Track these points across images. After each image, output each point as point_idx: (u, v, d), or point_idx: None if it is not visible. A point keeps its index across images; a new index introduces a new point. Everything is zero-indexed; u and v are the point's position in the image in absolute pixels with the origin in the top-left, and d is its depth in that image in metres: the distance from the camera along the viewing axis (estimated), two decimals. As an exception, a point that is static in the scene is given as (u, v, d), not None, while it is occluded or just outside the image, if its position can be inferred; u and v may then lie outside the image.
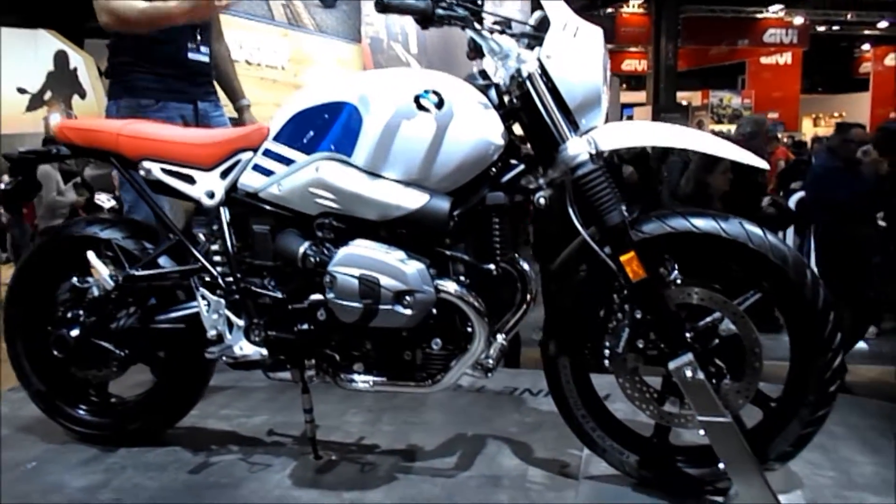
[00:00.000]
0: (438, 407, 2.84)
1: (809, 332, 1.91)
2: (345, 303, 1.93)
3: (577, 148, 1.92)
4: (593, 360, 2.10)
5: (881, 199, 4.69)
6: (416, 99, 1.94)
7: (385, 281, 1.90)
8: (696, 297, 1.95)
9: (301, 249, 2.04)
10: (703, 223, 1.95)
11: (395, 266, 1.90)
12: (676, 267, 1.99)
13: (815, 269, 1.95)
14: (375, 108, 1.97)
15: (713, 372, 1.95)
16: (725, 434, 1.86)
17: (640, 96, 22.69)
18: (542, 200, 1.97)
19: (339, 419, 2.71)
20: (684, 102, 21.27)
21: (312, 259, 2.01)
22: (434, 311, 1.99)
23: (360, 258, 1.93)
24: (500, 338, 2.15)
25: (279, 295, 2.14)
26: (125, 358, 2.30)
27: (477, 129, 1.96)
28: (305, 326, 2.11)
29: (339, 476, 2.24)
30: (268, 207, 2.14)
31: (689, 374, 1.86)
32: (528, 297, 2.10)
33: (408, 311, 1.91)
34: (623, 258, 1.90)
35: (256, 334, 2.16)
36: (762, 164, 2.03)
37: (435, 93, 1.95)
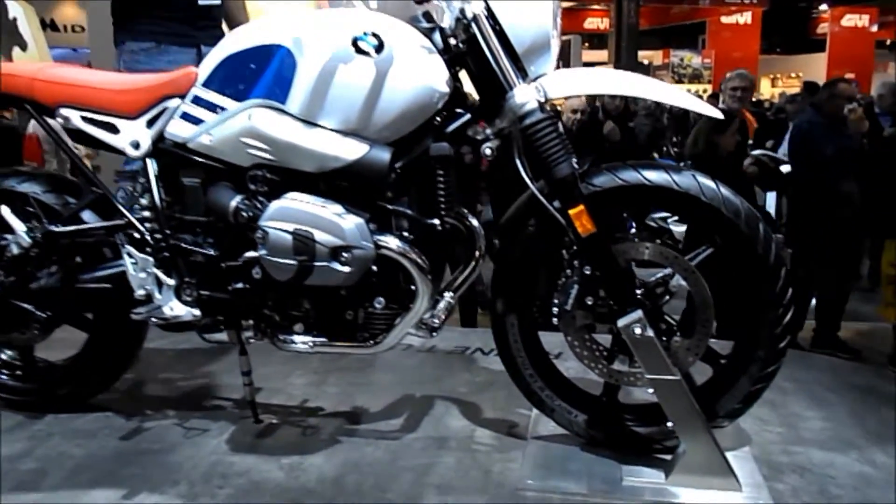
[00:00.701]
0: (387, 368, 2.76)
1: (761, 288, 1.86)
2: (278, 260, 1.82)
3: (524, 95, 1.81)
4: (542, 318, 2.03)
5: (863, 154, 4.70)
6: (355, 41, 1.81)
7: (320, 236, 1.79)
8: (647, 252, 1.89)
9: (233, 204, 1.91)
10: (654, 176, 1.87)
11: (331, 220, 1.79)
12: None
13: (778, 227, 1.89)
14: (310, 52, 1.83)
15: (663, 329, 1.90)
16: (674, 392, 1.81)
17: (602, 55, 22.56)
18: (487, 151, 1.87)
19: (282, 381, 2.61)
20: (646, 62, 21.19)
21: (245, 214, 1.89)
22: (375, 268, 1.89)
23: (293, 212, 1.81)
24: (447, 296, 2.07)
25: (211, 252, 2.02)
26: (48, 320, 2.16)
27: (420, 74, 1.84)
28: (240, 285, 2.00)
29: (278, 440, 2.15)
30: (198, 159, 2.00)
31: (637, 331, 1.80)
32: (478, 254, 2.02)
33: (345, 269, 1.80)
34: (572, 212, 1.82)
35: (188, 294, 2.03)
36: (715, 112, 1.95)
37: (374, 35, 1.82)
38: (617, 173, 1.90)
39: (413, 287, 1.90)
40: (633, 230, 1.95)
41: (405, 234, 1.93)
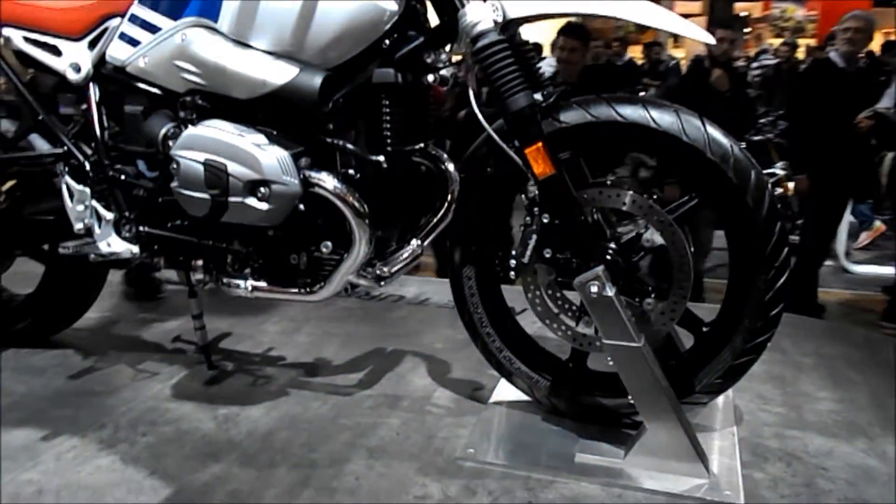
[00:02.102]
0: (368, 318, 2.61)
1: (750, 246, 1.59)
2: (189, 193, 1.66)
3: (477, 13, 1.57)
4: (502, 271, 1.82)
5: None
6: (288, -50, 1.60)
7: (234, 168, 1.61)
8: (617, 200, 1.63)
9: (161, 132, 1.76)
10: (630, 111, 1.61)
11: (247, 152, 1.60)
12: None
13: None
14: (239, -36, 1.64)
15: (635, 289, 1.65)
16: (634, 361, 1.57)
17: (696, 6, 21.29)
18: (432, 79, 1.64)
19: (255, 328, 2.50)
20: (744, 13, 19.84)
21: (172, 144, 1.73)
22: (319, 209, 1.70)
23: (206, 140, 1.64)
24: (414, 243, 1.88)
25: (151, 186, 1.88)
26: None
27: (364, -10, 1.62)
28: (178, 222, 1.85)
29: (225, 389, 2.03)
30: (140, 85, 1.85)
31: (594, 289, 1.56)
32: (450, 199, 1.81)
33: (263, 206, 1.62)
34: (528, 150, 1.58)
35: (127, 229, 1.91)
36: (708, 38, 1.66)
37: (311, -57, 1.60)
38: (589, 108, 1.64)
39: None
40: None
41: (351, 172, 1.73)
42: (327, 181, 1.66)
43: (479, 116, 1.62)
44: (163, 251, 1.92)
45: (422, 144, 1.85)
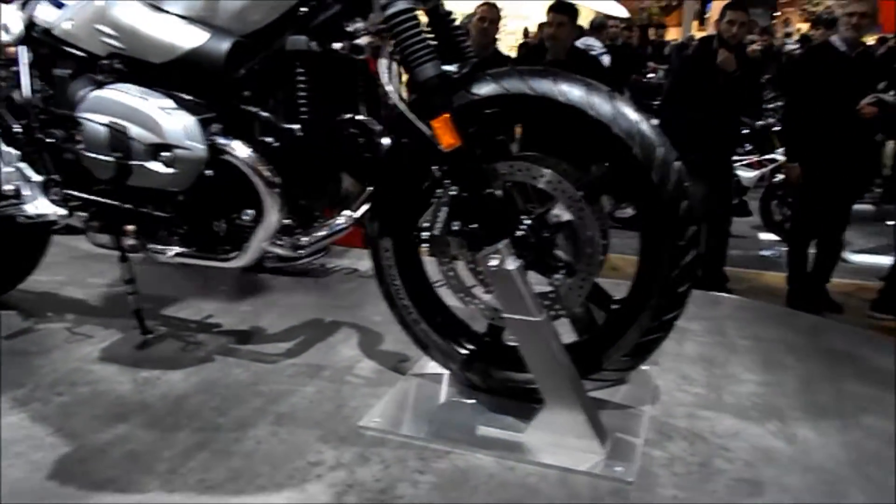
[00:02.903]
0: (315, 290, 2.63)
1: (657, 223, 1.57)
2: (93, 155, 1.67)
3: (386, -20, 1.56)
4: (419, 243, 1.82)
5: None
6: (200, -86, 1.60)
7: (136, 132, 1.61)
8: (527, 174, 1.62)
9: (81, 96, 1.76)
10: (540, 84, 1.59)
11: (150, 115, 1.61)
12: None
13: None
14: (153, -75, 1.63)
15: (539, 264, 1.65)
16: (534, 336, 1.57)
17: (715, -14, 20.89)
18: (339, 46, 1.63)
19: (201, 296, 2.52)
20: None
21: None
22: (232, 176, 1.71)
23: (110, 103, 1.65)
24: (345, 214, 1.88)
25: (77, 149, 1.89)
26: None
27: (274, -47, 1.61)
28: (102, 186, 1.87)
29: (152, 353, 2.06)
30: (66, 48, 1.86)
31: (493, 263, 1.55)
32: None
33: (168, 170, 1.63)
34: (435, 122, 1.57)
35: (55, 192, 1.93)
36: (620, 11, 1.63)
37: None
38: (501, 80, 1.63)
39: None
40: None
41: (267, 140, 1.73)
42: (237, 148, 1.66)
43: (387, 87, 1.62)
44: (92, 215, 1.93)
45: (350, 115, 1.85)
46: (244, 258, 1.79)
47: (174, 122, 1.61)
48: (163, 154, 1.61)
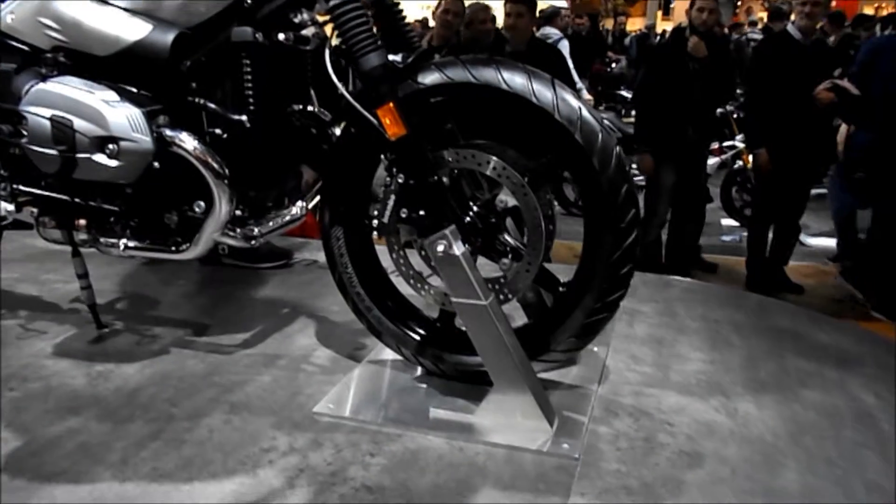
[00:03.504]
0: (274, 282, 2.64)
1: (597, 207, 1.61)
2: (38, 148, 1.67)
3: (328, -29, 1.57)
4: (370, 231, 1.84)
5: None
6: None
7: (80, 124, 1.62)
8: (472, 161, 1.65)
9: (24, 90, 1.76)
10: (483, 73, 1.62)
11: (94, 108, 1.61)
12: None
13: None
14: (95, -83, 1.63)
15: (484, 249, 1.69)
16: (480, 319, 1.60)
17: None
18: (283, 37, 1.65)
19: (157, 289, 2.52)
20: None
21: None
22: (180, 168, 1.72)
23: (53, 96, 1.65)
24: (298, 205, 1.91)
25: (23, 143, 1.88)
26: None
27: (217, -55, 1.62)
28: (50, 181, 1.86)
29: (107, 347, 2.06)
30: (10, 42, 1.85)
31: (440, 248, 1.58)
32: (336, 161, 1.82)
33: (113, 162, 1.64)
34: (380, 110, 1.59)
35: (2, 187, 1.92)
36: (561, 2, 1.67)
37: None
38: (445, 69, 1.65)
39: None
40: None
41: (216, 132, 1.75)
42: (183, 140, 1.67)
43: (332, 76, 1.63)
44: (42, 210, 1.92)
45: (301, 106, 1.87)
46: (195, 250, 1.80)
47: (119, 114, 1.61)
48: (108, 147, 1.62)
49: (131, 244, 1.86)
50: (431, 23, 6.52)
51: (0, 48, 1.88)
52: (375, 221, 1.74)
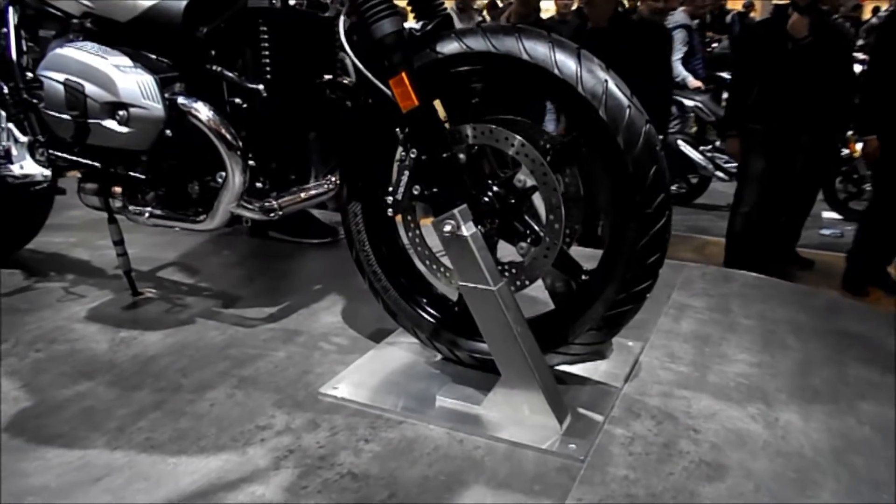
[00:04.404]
0: (312, 256, 2.63)
1: (623, 189, 1.48)
2: (52, 113, 1.68)
3: (341, -66, 1.50)
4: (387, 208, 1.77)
5: None
6: None
7: (91, 90, 1.61)
8: (490, 137, 1.55)
9: (45, 54, 1.78)
10: (504, 42, 1.51)
11: (105, 73, 1.60)
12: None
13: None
14: None
15: (500, 231, 1.59)
16: (487, 305, 1.50)
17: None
18: (293, 2, 1.59)
19: (200, 259, 2.55)
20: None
21: None
22: (195, 136, 1.70)
23: (67, 61, 1.65)
24: (329, 179, 1.87)
25: (42, 107, 1.91)
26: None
27: None
28: (83, 147, 1.88)
29: (137, 314, 2.08)
30: (48, 9, 1.87)
31: (447, 229, 1.49)
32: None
33: (124, 129, 1.63)
34: (392, 80, 1.51)
35: (40, 153, 1.95)
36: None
37: None
38: (464, 38, 1.55)
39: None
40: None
41: (236, 101, 1.71)
42: (197, 109, 1.65)
43: (345, 45, 1.56)
44: (83, 177, 1.95)
45: (330, 77, 1.82)
46: (212, 221, 1.79)
47: (129, 80, 1.60)
48: (119, 113, 1.61)
49: (156, 213, 1.86)
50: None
51: (41, 15, 1.92)
52: (390, 198, 1.67)
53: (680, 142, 6.29)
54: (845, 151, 6.24)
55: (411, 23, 1.61)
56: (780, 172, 4.44)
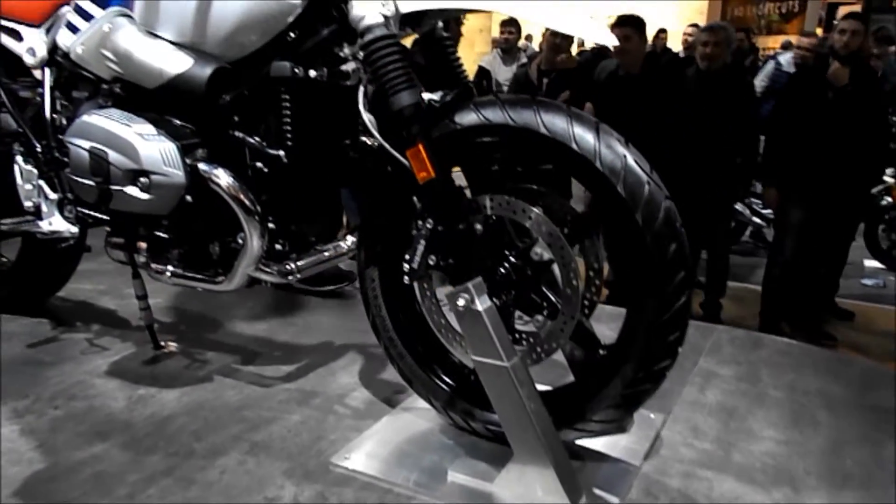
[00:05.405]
0: (338, 310, 2.63)
1: (643, 266, 1.45)
2: (78, 178, 1.71)
3: (364, 7, 1.51)
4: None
5: None
6: (190, -59, 1.61)
7: (114, 157, 1.64)
8: (507, 209, 1.53)
9: (73, 120, 1.81)
10: (522, 115, 1.50)
11: (128, 141, 1.63)
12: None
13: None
14: (148, -47, 1.66)
15: (513, 303, 1.56)
16: (501, 381, 1.47)
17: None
18: (314, 74, 1.60)
19: (224, 312, 2.56)
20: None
21: None
22: (216, 201, 1.71)
23: (93, 128, 1.68)
24: (349, 240, 1.87)
25: (68, 172, 1.94)
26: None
27: (261, -19, 1.60)
28: (108, 206, 1.91)
29: (156, 370, 2.09)
30: (81, 71, 1.92)
31: (461, 302, 1.47)
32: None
33: (144, 196, 1.65)
34: (409, 152, 1.51)
35: (69, 210, 1.99)
36: (612, 40, 1.51)
37: (212, -66, 1.60)
38: (482, 110, 1.55)
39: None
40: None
41: (258, 165, 1.73)
42: (217, 175, 1.67)
43: (364, 114, 1.57)
44: (109, 231, 1.98)
45: (351, 139, 1.83)
46: (230, 283, 1.79)
47: (152, 147, 1.62)
48: (140, 180, 1.63)
49: (177, 272, 1.87)
50: (537, 39, 6.29)
51: (74, 76, 1.97)
52: (406, 266, 1.66)
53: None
54: (888, 199, 6.10)
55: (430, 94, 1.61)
56: (818, 222, 4.35)
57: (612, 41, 1.51)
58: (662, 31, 9.74)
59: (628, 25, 3.98)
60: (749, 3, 16.58)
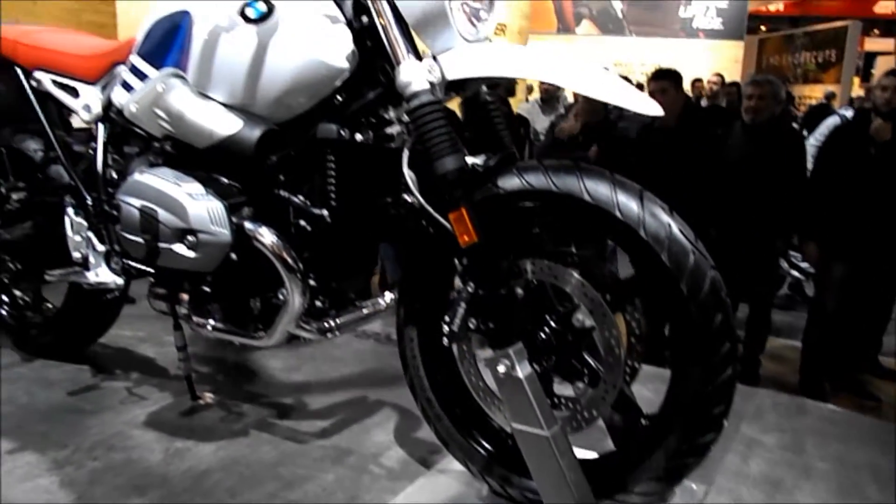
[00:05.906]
0: (374, 363, 2.62)
1: (687, 335, 1.42)
2: (128, 235, 1.74)
3: (410, 73, 1.53)
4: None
5: None
6: (244, 7, 1.65)
7: (164, 216, 1.67)
8: (548, 274, 1.53)
9: (125, 178, 1.86)
10: (565, 181, 1.50)
11: (177, 201, 1.66)
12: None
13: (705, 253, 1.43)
14: (202, 18, 1.71)
15: (552, 370, 1.55)
16: (540, 451, 1.45)
17: (888, 44, 19.27)
18: (360, 138, 1.63)
19: (261, 362, 2.57)
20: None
21: None
22: (259, 258, 1.74)
23: (144, 187, 1.72)
24: (387, 296, 1.88)
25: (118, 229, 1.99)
26: (20, 271, 2.29)
27: (310, 47, 1.63)
28: (155, 262, 1.95)
29: (193, 422, 2.10)
30: (134, 129, 1.98)
31: (501, 369, 1.46)
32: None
33: (191, 253, 1.67)
34: (451, 216, 1.51)
35: (115, 262, 2.03)
36: (656, 109, 1.51)
37: (265, 0, 1.64)
38: (525, 175, 1.56)
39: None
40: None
41: (301, 224, 1.76)
42: (262, 234, 1.69)
43: (407, 177, 1.59)
44: (153, 282, 2.01)
45: (393, 198, 1.85)
46: (270, 340, 1.80)
47: (200, 207, 1.65)
48: (188, 238, 1.66)
49: (218, 326, 1.89)
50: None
51: (126, 133, 2.03)
52: (446, 327, 1.65)
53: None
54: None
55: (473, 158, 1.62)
56: (861, 278, 4.26)
57: (657, 111, 1.51)
58: (698, 80, 9.77)
59: (665, 79, 4.00)
60: (785, 52, 16.55)
